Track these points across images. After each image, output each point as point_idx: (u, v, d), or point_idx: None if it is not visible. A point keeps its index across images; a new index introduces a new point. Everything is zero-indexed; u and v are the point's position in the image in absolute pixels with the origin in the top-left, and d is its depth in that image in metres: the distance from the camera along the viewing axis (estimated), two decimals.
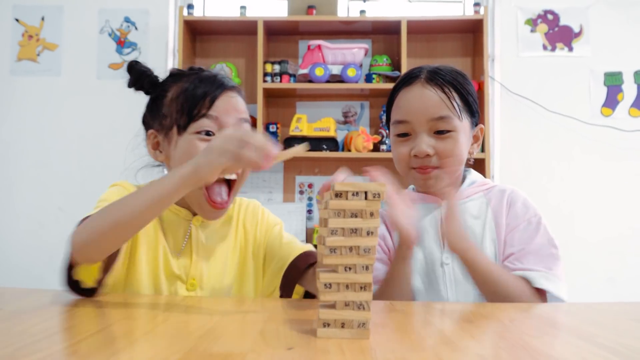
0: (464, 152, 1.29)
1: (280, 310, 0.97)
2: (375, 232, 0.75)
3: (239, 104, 1.19)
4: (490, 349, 0.70)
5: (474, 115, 1.32)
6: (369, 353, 0.67)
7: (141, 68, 1.23)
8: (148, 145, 1.24)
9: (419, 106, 1.26)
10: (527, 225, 1.26)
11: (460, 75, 1.31)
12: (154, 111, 1.21)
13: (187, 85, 1.17)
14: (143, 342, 0.70)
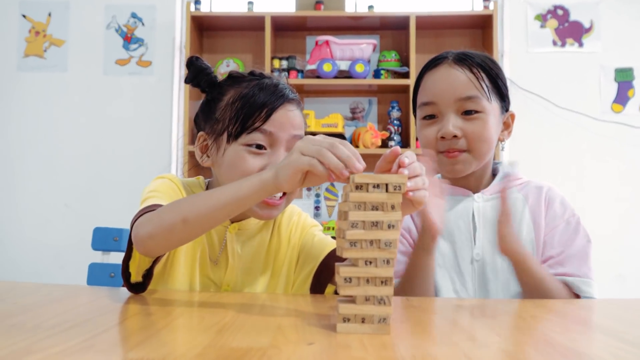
0: (493, 135, 1.23)
1: (297, 305, 0.96)
2: (396, 226, 0.73)
3: (296, 118, 1.13)
4: (515, 345, 0.68)
5: (504, 99, 1.27)
6: (392, 348, 0.65)
7: (201, 65, 1.18)
8: (196, 148, 1.20)
9: (446, 86, 1.22)
10: (566, 225, 1.23)
11: (490, 60, 1.27)
12: (207, 113, 1.17)
13: (245, 92, 1.11)
14: (160, 337, 0.68)
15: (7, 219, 3.42)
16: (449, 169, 1.24)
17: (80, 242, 1.89)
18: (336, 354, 0.63)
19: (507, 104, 1.29)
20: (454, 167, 1.23)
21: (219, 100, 1.14)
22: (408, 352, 0.64)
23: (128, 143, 3.39)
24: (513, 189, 1.29)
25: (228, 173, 1.11)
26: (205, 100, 1.20)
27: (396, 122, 3.23)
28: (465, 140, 1.21)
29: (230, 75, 1.18)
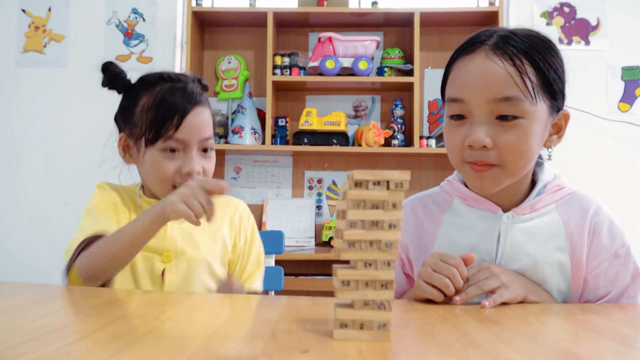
0: (534, 146, 1.02)
1: (292, 308, 0.91)
2: (398, 225, 0.69)
3: (205, 120, 1.26)
4: (524, 355, 0.63)
5: (556, 97, 1.03)
6: (392, 357, 0.61)
7: (115, 70, 1.31)
8: (119, 147, 1.32)
9: (480, 82, 0.99)
10: (613, 260, 1.06)
11: (542, 42, 1.02)
12: (126, 116, 1.28)
13: (158, 98, 1.23)
14: (145, 343, 0.64)
15: (6, 216, 3.38)
16: (475, 183, 1.06)
17: None
18: None
19: (561, 102, 1.06)
20: (481, 182, 1.04)
21: (135, 105, 1.26)
22: None
23: None
24: (551, 206, 1.09)
25: (150, 174, 1.26)
26: (122, 103, 1.32)
27: (400, 121, 3.18)
28: (497, 152, 1.00)
29: (142, 79, 1.29)
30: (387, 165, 3.25)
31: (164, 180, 1.23)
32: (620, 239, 1.07)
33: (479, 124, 1.00)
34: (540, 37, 1.03)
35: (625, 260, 1.05)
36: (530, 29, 1.05)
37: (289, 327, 0.75)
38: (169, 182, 1.23)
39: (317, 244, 3.17)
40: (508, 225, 1.07)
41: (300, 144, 3.11)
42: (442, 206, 1.17)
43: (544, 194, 1.10)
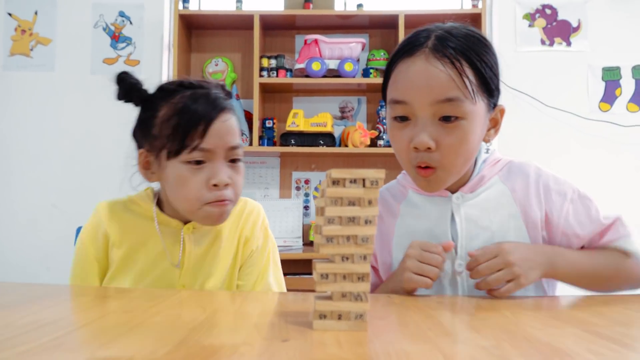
0: (474, 145, 1.07)
1: (276, 303, 0.95)
2: (373, 221, 0.73)
3: (232, 128, 1.16)
4: (492, 341, 0.67)
5: (493, 95, 1.07)
6: (367, 345, 0.64)
7: (132, 80, 1.18)
8: (139, 165, 1.20)
9: (422, 84, 1.02)
10: (574, 206, 1.14)
11: (478, 41, 1.05)
12: (144, 129, 1.17)
13: (180, 106, 1.12)
14: (132, 335, 0.67)
15: None
16: (422, 185, 1.11)
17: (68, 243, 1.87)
18: (309, 351, 0.62)
19: (497, 98, 1.10)
20: (428, 185, 1.09)
21: (154, 117, 1.15)
22: (382, 348, 0.63)
23: (116, 142, 3.36)
24: (494, 178, 1.16)
25: (174, 191, 1.15)
26: (140, 116, 1.20)
27: (385, 121, 3.22)
28: (439, 153, 1.04)
29: (161, 88, 1.18)
30: (374, 165, 3.29)
31: (191, 197, 1.13)
32: (569, 187, 1.16)
33: (423, 125, 1.03)
34: (476, 35, 1.06)
35: (582, 201, 1.15)
36: (466, 26, 1.09)
37: (271, 319, 0.78)
38: (197, 199, 1.13)
39: (304, 244, 3.20)
40: (459, 205, 1.14)
41: (287, 145, 3.14)
42: (398, 198, 1.23)
43: (484, 169, 1.16)
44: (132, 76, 1.19)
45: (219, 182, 1.12)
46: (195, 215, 1.17)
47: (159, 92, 1.18)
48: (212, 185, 1.12)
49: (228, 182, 1.13)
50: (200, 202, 1.13)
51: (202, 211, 1.14)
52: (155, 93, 1.18)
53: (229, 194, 1.14)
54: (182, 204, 1.16)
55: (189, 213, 1.17)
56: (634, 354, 0.62)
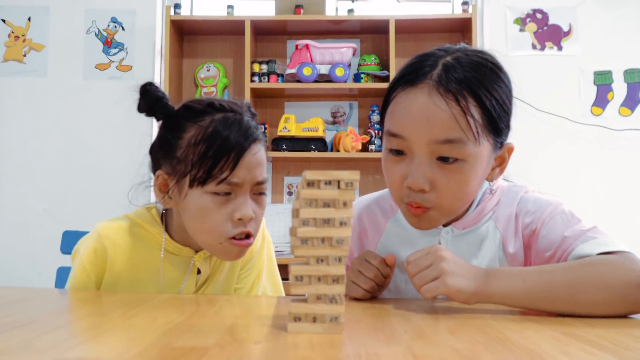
0: (474, 188, 0.98)
1: (255, 307, 0.94)
2: (348, 223, 0.72)
3: (262, 160, 1.09)
4: (466, 343, 0.67)
5: (500, 134, 0.97)
6: (340, 347, 0.64)
7: (157, 93, 1.09)
8: (155, 187, 1.12)
9: (421, 121, 0.93)
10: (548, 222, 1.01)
11: (490, 72, 0.95)
12: (167, 150, 1.09)
13: (210, 131, 1.04)
14: (104, 337, 0.67)
15: None
16: (411, 222, 1.02)
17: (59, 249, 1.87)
18: (280, 353, 0.62)
19: (505, 136, 1.00)
20: (418, 222, 1.01)
21: (180, 138, 1.07)
22: (354, 350, 0.63)
23: (108, 148, 3.37)
24: (487, 215, 1.07)
25: (195, 221, 1.08)
26: (162, 134, 1.11)
27: (377, 126, 3.23)
28: (435, 194, 0.95)
29: (188, 107, 1.09)
30: (365, 170, 3.29)
31: (214, 230, 1.06)
32: (548, 207, 1.03)
33: (419, 164, 0.95)
34: (487, 64, 0.97)
35: (562, 218, 1.00)
36: (479, 51, 1.00)
37: (248, 322, 0.78)
38: (220, 233, 1.06)
39: None
40: (447, 240, 1.07)
41: (279, 149, 3.14)
42: (387, 213, 1.17)
43: (481, 203, 1.07)
44: (158, 89, 1.10)
45: (244, 217, 1.05)
46: (213, 249, 1.11)
47: (186, 111, 1.09)
48: (237, 219, 1.05)
49: (253, 217, 1.07)
50: (223, 236, 1.06)
51: (224, 247, 1.08)
52: (181, 111, 1.09)
53: (251, 228, 1.08)
54: (201, 235, 1.09)
55: (207, 246, 1.11)
56: (608, 355, 0.62)
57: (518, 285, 0.85)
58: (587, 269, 0.86)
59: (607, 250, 0.90)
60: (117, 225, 1.15)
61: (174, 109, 1.10)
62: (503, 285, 0.85)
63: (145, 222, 1.16)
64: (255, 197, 1.09)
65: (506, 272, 0.87)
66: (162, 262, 1.15)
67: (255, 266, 1.26)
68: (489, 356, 0.61)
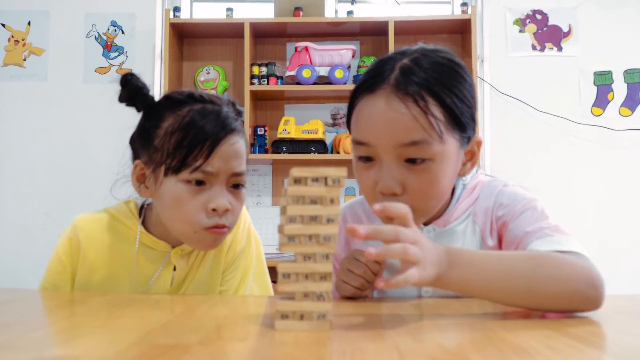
0: (445, 186, 0.98)
1: (245, 306, 0.94)
2: (335, 220, 0.72)
3: (239, 152, 1.08)
4: (454, 340, 0.66)
5: (465, 129, 0.97)
6: (325, 344, 0.63)
7: (137, 84, 1.11)
8: (133, 176, 1.12)
9: (383, 127, 0.93)
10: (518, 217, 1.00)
11: (450, 70, 0.97)
12: (145, 139, 1.09)
13: (186, 120, 1.05)
14: (88, 336, 0.66)
15: None
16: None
17: None
18: (263, 350, 0.61)
19: (472, 130, 1.00)
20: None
21: (157, 127, 1.07)
22: (339, 347, 0.62)
23: (108, 151, 3.36)
24: (467, 211, 1.07)
25: (169, 210, 1.07)
26: (141, 124, 1.12)
27: None
28: (407, 196, 0.94)
29: (168, 97, 1.11)
30: None
31: (187, 220, 1.05)
32: (521, 201, 1.02)
33: (388, 168, 0.94)
34: (445, 62, 0.97)
35: (531, 214, 0.99)
36: (436, 50, 1.00)
37: (236, 321, 0.78)
38: (194, 223, 1.05)
39: None
40: (431, 236, 1.06)
41: (279, 152, 3.14)
42: (372, 217, 1.16)
43: (461, 199, 1.07)
44: (139, 79, 1.12)
45: (217, 207, 1.05)
46: (188, 238, 1.10)
47: (166, 101, 1.10)
48: (210, 209, 1.05)
49: (228, 208, 1.06)
50: (196, 226, 1.06)
51: (197, 235, 1.07)
52: (161, 101, 1.11)
53: (226, 220, 1.07)
54: (175, 225, 1.08)
55: (182, 235, 1.10)
56: (592, 349, 0.61)
57: (478, 273, 0.80)
58: (544, 262, 0.84)
59: (559, 249, 0.89)
60: (93, 217, 1.17)
61: (154, 99, 1.11)
62: (462, 273, 0.80)
63: (123, 215, 1.17)
64: (232, 190, 1.09)
65: (467, 259, 0.81)
66: (136, 253, 1.14)
67: (240, 267, 1.23)
68: (474, 352, 0.60)
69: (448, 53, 1.01)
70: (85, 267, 1.15)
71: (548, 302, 0.81)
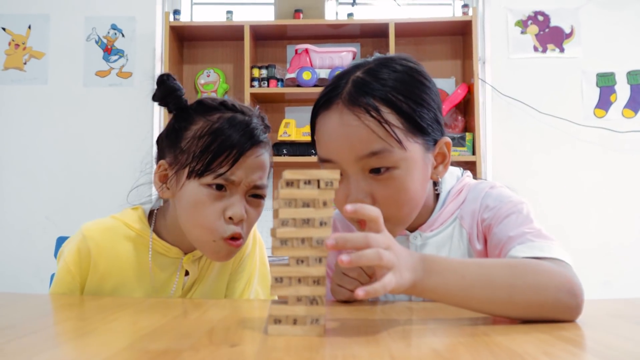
0: (416, 191, 0.96)
1: (240, 310, 0.93)
2: (328, 223, 0.71)
3: (263, 164, 1.09)
4: (448, 345, 0.65)
5: (428, 132, 0.96)
6: (317, 350, 0.62)
7: (173, 85, 1.12)
8: (155, 176, 1.13)
9: (341, 142, 0.93)
10: (503, 220, 0.98)
11: (405, 76, 0.96)
12: (173, 140, 1.11)
13: (216, 126, 1.06)
14: (78, 341, 0.66)
15: None
16: None
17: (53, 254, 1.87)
18: (254, 355, 0.60)
19: (437, 132, 0.99)
20: None
21: (186, 129, 1.09)
22: (331, 352, 0.61)
23: (109, 155, 3.36)
24: (453, 215, 1.06)
25: (187, 213, 1.08)
26: (172, 124, 1.14)
27: None
28: (378, 206, 0.81)
29: (200, 102, 1.13)
30: None
31: (205, 225, 1.06)
32: (507, 204, 1.00)
33: (355, 182, 0.94)
34: (402, 70, 0.97)
35: (516, 217, 0.97)
36: (390, 58, 1.00)
37: (229, 325, 0.76)
38: (211, 231, 1.06)
39: None
40: (416, 245, 1.06)
41: (279, 154, 3.13)
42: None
43: (447, 203, 1.07)
44: (175, 81, 1.13)
45: (234, 216, 1.05)
46: (204, 246, 1.10)
47: (198, 105, 1.12)
48: (227, 217, 1.05)
49: (244, 218, 1.07)
50: (214, 234, 1.06)
51: (216, 244, 1.07)
52: (193, 105, 1.13)
53: (242, 230, 1.08)
54: (192, 229, 1.08)
55: (198, 242, 1.10)
56: (589, 355, 0.60)
57: (457, 281, 0.77)
58: (523, 270, 0.81)
59: (540, 256, 0.87)
60: (101, 226, 1.15)
61: (187, 102, 1.13)
62: (440, 280, 0.76)
63: (133, 222, 1.16)
64: (251, 199, 1.09)
65: (444, 266, 0.78)
66: (150, 260, 1.14)
67: (246, 270, 1.25)
68: (468, 357, 0.59)
69: (405, 60, 1.00)
70: (96, 276, 1.14)
71: (528, 311, 0.79)
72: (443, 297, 0.78)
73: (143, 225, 1.16)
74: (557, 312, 0.79)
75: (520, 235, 0.93)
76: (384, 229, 0.74)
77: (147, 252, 1.14)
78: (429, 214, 1.07)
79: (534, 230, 0.94)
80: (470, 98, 3.13)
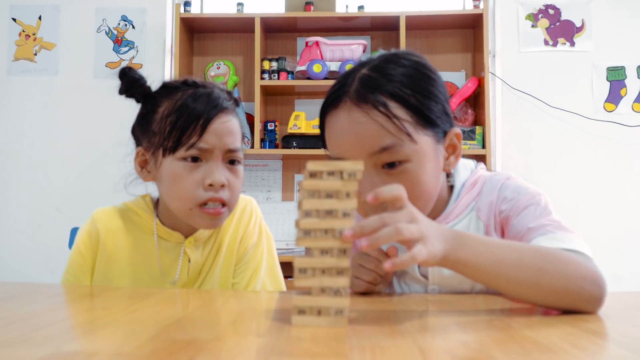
0: (429, 183, 0.97)
1: (262, 301, 0.93)
2: (352, 214, 0.71)
3: (232, 129, 1.13)
4: (474, 336, 0.65)
5: (437, 124, 0.97)
6: (344, 340, 0.62)
7: (134, 76, 1.18)
8: (135, 163, 1.19)
9: (351, 140, 0.94)
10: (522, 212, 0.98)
11: (412, 71, 0.97)
12: (144, 126, 1.16)
13: (179, 103, 1.10)
14: (104, 331, 0.66)
15: None
16: None
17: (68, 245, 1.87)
18: (281, 346, 0.60)
19: (446, 124, 0.99)
20: None
21: (154, 112, 1.14)
22: (358, 343, 0.61)
23: (119, 146, 3.36)
24: (469, 207, 1.05)
25: (168, 188, 1.12)
26: (140, 112, 1.19)
27: None
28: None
29: (164, 85, 1.18)
30: None
31: (185, 196, 1.10)
32: (525, 196, 1.00)
33: (367, 178, 0.93)
34: (408, 64, 0.97)
35: (535, 209, 0.97)
36: (394, 54, 1.00)
37: (252, 316, 0.77)
38: (191, 199, 1.10)
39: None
40: None
41: (289, 147, 3.13)
42: None
43: (462, 195, 1.06)
44: (135, 72, 1.18)
45: (214, 182, 1.09)
46: (188, 217, 1.13)
47: (162, 89, 1.17)
48: (207, 185, 1.09)
49: (224, 183, 1.10)
50: (194, 202, 1.10)
51: (193, 213, 1.11)
52: (157, 90, 1.17)
53: (225, 196, 1.11)
54: (175, 202, 1.12)
55: (182, 213, 1.13)
56: (614, 346, 0.60)
57: (488, 256, 0.78)
58: (552, 256, 0.82)
59: (563, 247, 0.87)
60: (110, 210, 1.23)
61: (150, 89, 1.18)
62: (472, 254, 0.77)
63: (140, 209, 1.22)
64: (229, 166, 1.14)
65: (477, 240, 0.80)
66: (157, 243, 1.19)
67: (251, 260, 1.26)
68: (496, 348, 0.59)
69: (409, 54, 1.01)
70: (104, 257, 1.20)
71: (552, 297, 0.79)
72: (474, 272, 0.79)
73: (149, 211, 1.22)
74: (580, 301, 0.79)
75: (540, 227, 0.93)
76: (408, 204, 0.74)
77: (152, 237, 1.20)
78: (444, 207, 1.07)
79: (554, 222, 0.94)
80: (481, 91, 3.12)
